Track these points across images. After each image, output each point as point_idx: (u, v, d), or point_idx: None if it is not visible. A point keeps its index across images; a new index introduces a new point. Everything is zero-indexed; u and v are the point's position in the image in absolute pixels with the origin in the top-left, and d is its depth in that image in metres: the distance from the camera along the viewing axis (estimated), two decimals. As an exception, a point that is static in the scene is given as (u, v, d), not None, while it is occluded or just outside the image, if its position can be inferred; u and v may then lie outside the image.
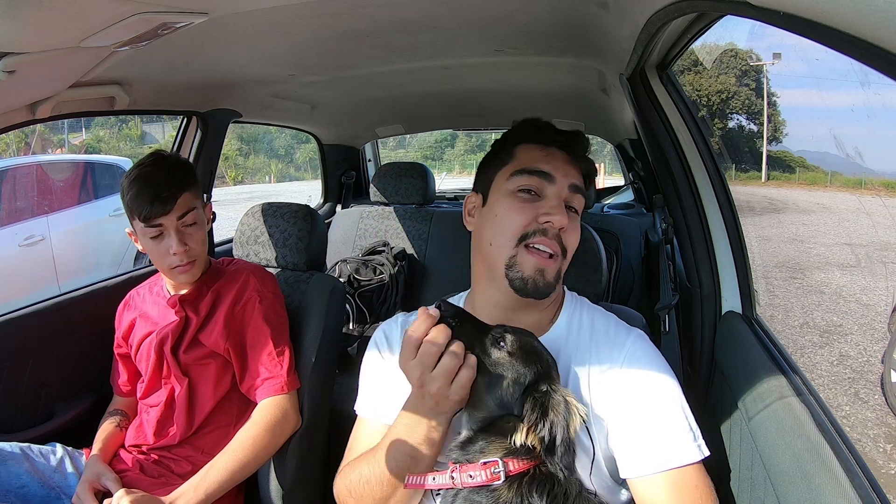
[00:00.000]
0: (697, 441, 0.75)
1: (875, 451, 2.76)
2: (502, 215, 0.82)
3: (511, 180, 0.83)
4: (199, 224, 1.19)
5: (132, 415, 1.32)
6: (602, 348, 0.82)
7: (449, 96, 2.21)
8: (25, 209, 4.27)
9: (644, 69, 1.15)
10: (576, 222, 0.84)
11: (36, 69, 0.90)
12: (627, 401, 0.77)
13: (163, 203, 1.12)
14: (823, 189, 13.12)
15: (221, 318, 1.21)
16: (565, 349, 0.82)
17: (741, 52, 17.91)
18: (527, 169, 0.82)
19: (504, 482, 0.66)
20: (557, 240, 0.80)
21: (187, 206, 1.16)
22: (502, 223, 0.81)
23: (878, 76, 0.41)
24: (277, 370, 1.19)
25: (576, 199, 0.84)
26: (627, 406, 0.76)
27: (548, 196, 0.82)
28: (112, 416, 1.29)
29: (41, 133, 10.46)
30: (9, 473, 1.12)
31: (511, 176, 0.83)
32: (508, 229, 0.81)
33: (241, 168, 20.04)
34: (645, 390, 0.77)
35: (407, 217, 2.33)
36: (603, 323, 0.86)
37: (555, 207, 0.80)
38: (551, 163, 0.83)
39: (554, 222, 0.79)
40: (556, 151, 0.85)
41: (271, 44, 1.30)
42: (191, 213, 1.16)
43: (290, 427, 1.19)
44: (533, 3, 1.08)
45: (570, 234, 0.83)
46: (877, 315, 4.63)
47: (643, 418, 0.75)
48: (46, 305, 1.44)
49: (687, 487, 0.72)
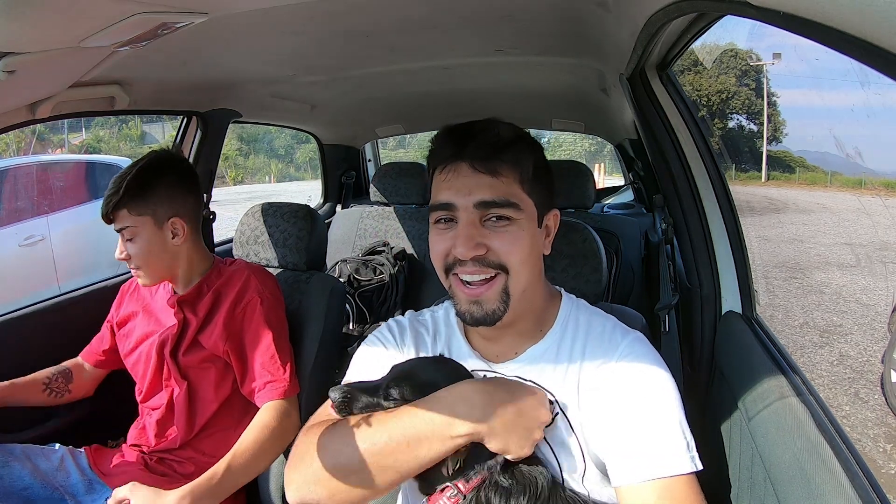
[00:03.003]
0: (691, 452, 0.70)
1: (875, 451, 2.76)
2: (432, 245, 0.79)
3: (431, 214, 0.79)
4: (136, 240, 1.19)
5: (76, 380, 1.33)
6: (596, 352, 0.78)
7: (449, 96, 2.21)
8: (25, 209, 4.27)
9: (644, 69, 1.15)
10: (507, 233, 0.75)
11: (36, 69, 0.90)
12: (619, 406, 0.73)
13: (104, 213, 1.19)
14: (823, 189, 13.11)
15: (221, 320, 1.21)
16: (559, 356, 0.80)
17: (741, 52, 17.90)
18: (433, 206, 0.78)
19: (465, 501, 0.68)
20: (482, 263, 0.74)
21: (121, 222, 1.19)
22: (432, 253, 0.79)
23: (878, 76, 0.41)
24: (279, 373, 1.18)
25: (494, 211, 0.75)
26: (619, 411, 0.73)
27: (459, 222, 0.76)
28: (51, 368, 1.31)
29: (41, 133, 10.45)
30: (11, 475, 1.12)
31: (431, 209, 0.79)
32: (436, 261, 0.79)
33: (241, 168, 20.04)
34: (638, 395, 0.73)
35: (407, 217, 2.33)
36: (600, 325, 0.82)
37: (458, 237, 0.74)
38: (452, 185, 0.76)
39: (458, 255, 0.74)
40: (459, 165, 0.76)
41: (271, 44, 1.30)
42: (125, 229, 1.19)
43: (292, 431, 1.18)
44: (533, 3, 1.08)
45: (504, 252, 0.75)
46: (877, 315, 4.63)
47: (634, 424, 0.71)
48: (46, 305, 1.44)
49: (673, 500, 0.67)
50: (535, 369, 0.79)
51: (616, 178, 8.22)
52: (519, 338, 0.82)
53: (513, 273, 0.76)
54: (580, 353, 0.79)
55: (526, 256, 0.76)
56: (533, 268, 0.79)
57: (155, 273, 1.23)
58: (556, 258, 1.03)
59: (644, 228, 2.43)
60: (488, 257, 0.75)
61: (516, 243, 0.76)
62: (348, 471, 0.70)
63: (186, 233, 1.23)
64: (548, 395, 0.75)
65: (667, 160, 1.18)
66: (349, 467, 0.70)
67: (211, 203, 1.85)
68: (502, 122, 0.81)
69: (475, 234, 0.74)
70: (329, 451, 0.72)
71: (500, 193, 0.75)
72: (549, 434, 0.75)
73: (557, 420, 0.76)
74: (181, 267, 1.25)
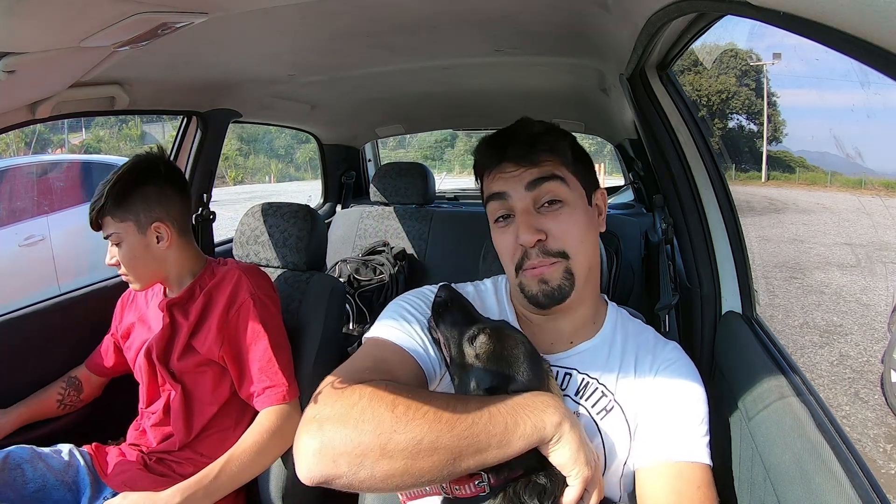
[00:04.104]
0: (709, 448, 0.75)
1: (875, 451, 2.76)
2: (497, 246, 0.84)
3: (489, 211, 0.85)
4: (122, 246, 1.20)
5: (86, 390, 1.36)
6: (646, 355, 0.83)
7: (449, 96, 2.21)
8: (25, 209, 4.27)
9: (644, 69, 1.15)
10: (560, 215, 0.79)
11: (36, 69, 0.90)
12: (657, 399, 0.78)
13: (91, 220, 1.20)
14: (823, 189, 13.12)
15: (215, 324, 1.19)
16: (612, 353, 0.83)
17: (741, 52, 17.92)
18: (489, 196, 0.83)
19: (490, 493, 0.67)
20: (544, 252, 0.79)
21: (107, 229, 1.20)
22: (500, 254, 0.84)
23: (878, 76, 0.41)
24: (278, 378, 1.17)
25: (545, 189, 0.79)
26: (656, 404, 0.78)
27: (515, 213, 0.81)
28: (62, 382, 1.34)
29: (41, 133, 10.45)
30: (25, 479, 1.11)
31: (486, 206, 0.85)
32: (505, 261, 0.83)
33: (241, 168, 20.05)
34: (672, 394, 0.78)
35: (407, 217, 2.33)
36: (644, 332, 0.88)
37: (520, 225, 0.79)
38: (503, 177, 0.81)
39: (523, 242, 0.78)
40: (501, 166, 0.82)
41: (271, 44, 1.30)
42: (111, 236, 1.20)
43: (293, 433, 1.18)
44: (533, 3, 1.08)
45: (560, 237, 0.79)
46: (877, 315, 4.64)
47: (665, 415, 0.76)
48: (46, 305, 1.44)
49: (690, 483, 0.71)
50: (590, 362, 0.82)
51: (616, 178, 8.21)
52: (575, 328, 0.85)
53: (573, 256, 0.79)
54: (632, 355, 0.83)
55: (584, 235, 0.81)
56: (592, 246, 0.83)
57: (143, 277, 1.23)
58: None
59: (644, 228, 2.43)
60: (548, 245, 0.78)
61: (572, 224, 0.80)
62: (429, 450, 0.57)
63: (172, 237, 1.22)
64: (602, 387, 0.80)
65: (667, 160, 1.18)
66: (430, 448, 0.57)
67: (211, 203, 1.85)
68: (532, 119, 0.85)
69: (532, 219, 0.78)
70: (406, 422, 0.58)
71: (546, 171, 0.80)
72: (607, 428, 0.78)
73: (615, 415, 0.79)
74: (171, 270, 1.25)
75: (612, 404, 0.79)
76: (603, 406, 0.79)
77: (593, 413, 0.79)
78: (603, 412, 0.79)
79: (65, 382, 1.34)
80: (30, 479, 1.12)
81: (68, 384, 1.34)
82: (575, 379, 0.81)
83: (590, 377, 0.81)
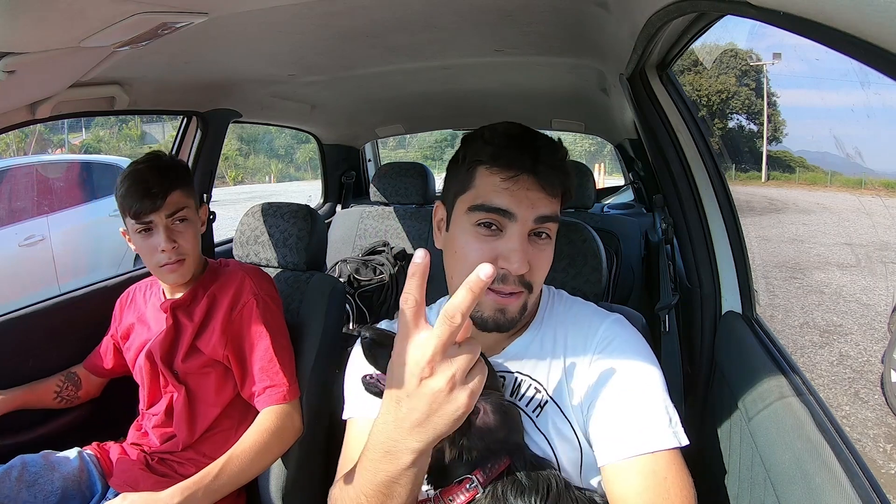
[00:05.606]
0: (674, 428, 0.69)
1: (875, 451, 2.76)
2: (461, 253, 0.75)
3: (470, 215, 0.75)
4: (189, 222, 1.18)
5: (84, 387, 1.35)
6: (577, 338, 0.79)
7: (449, 96, 2.21)
8: (25, 209, 4.27)
9: (644, 69, 1.15)
10: (545, 252, 0.76)
11: (36, 69, 0.90)
12: (602, 386, 0.73)
13: (152, 199, 1.12)
14: (823, 189, 13.13)
15: (219, 324, 1.19)
16: (543, 346, 0.80)
17: (741, 52, 17.93)
18: (484, 206, 0.73)
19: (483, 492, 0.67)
20: (519, 281, 0.73)
21: (177, 203, 1.15)
22: (461, 263, 0.74)
23: (878, 76, 0.41)
24: (278, 378, 1.17)
25: (547, 226, 0.75)
26: (603, 392, 0.73)
27: (508, 234, 0.73)
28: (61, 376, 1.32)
29: (41, 133, 10.46)
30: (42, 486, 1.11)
31: (469, 210, 0.75)
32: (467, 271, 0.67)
33: (241, 168, 20.07)
34: (619, 374, 0.73)
35: (407, 217, 2.33)
36: (578, 312, 0.83)
37: (514, 252, 0.71)
38: (514, 194, 0.72)
39: (511, 270, 0.72)
40: (522, 177, 0.73)
41: (271, 44, 1.30)
42: (181, 210, 1.16)
43: (293, 434, 1.18)
44: (533, 4, 1.08)
45: (537, 272, 0.75)
46: (877, 315, 4.64)
47: (617, 404, 0.71)
48: (46, 305, 1.44)
49: (654, 476, 0.66)
50: (521, 363, 0.80)
51: (616, 178, 8.22)
52: (502, 334, 0.80)
53: (534, 289, 0.77)
54: (563, 341, 0.80)
55: (543, 280, 0.78)
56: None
57: (193, 263, 1.21)
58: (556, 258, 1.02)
59: (644, 228, 2.43)
60: (525, 276, 0.74)
61: (548, 262, 0.77)
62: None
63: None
64: (535, 383, 0.78)
65: (667, 160, 1.18)
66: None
67: (211, 203, 1.85)
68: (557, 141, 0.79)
69: (529, 250, 0.74)
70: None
71: (554, 210, 0.76)
72: (543, 425, 0.76)
73: (550, 410, 0.76)
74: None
75: (546, 399, 0.77)
76: (537, 403, 0.77)
77: (528, 411, 0.77)
78: (538, 409, 0.77)
79: (63, 376, 1.33)
80: (46, 482, 1.11)
81: (67, 378, 1.33)
82: (509, 380, 0.79)
83: (522, 374, 0.79)
